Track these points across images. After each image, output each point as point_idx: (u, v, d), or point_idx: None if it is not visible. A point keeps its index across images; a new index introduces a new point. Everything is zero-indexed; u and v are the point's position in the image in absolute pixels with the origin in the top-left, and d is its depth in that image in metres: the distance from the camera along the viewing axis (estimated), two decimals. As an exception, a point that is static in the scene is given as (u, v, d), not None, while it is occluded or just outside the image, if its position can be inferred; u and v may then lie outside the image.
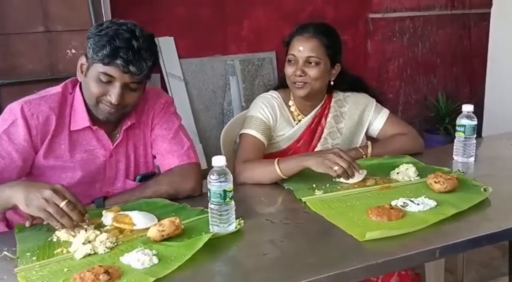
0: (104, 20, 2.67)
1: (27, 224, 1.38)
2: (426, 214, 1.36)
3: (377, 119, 1.96)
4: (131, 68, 1.39)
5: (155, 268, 1.12)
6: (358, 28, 3.91)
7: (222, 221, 1.28)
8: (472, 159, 1.78)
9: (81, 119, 1.51)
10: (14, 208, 1.34)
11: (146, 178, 1.62)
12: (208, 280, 1.10)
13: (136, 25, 1.45)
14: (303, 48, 1.79)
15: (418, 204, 1.39)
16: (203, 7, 3.34)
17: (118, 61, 1.38)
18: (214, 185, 1.26)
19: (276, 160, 1.65)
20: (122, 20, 1.46)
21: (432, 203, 1.40)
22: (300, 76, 1.80)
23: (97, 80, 1.43)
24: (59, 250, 1.23)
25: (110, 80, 1.42)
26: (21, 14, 2.47)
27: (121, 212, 1.37)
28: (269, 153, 1.89)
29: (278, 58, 3.62)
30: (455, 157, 1.81)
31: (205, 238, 1.20)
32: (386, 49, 4.02)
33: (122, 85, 1.42)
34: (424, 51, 4.17)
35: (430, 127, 4.13)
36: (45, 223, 1.38)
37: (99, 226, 1.35)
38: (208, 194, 1.27)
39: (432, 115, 4.17)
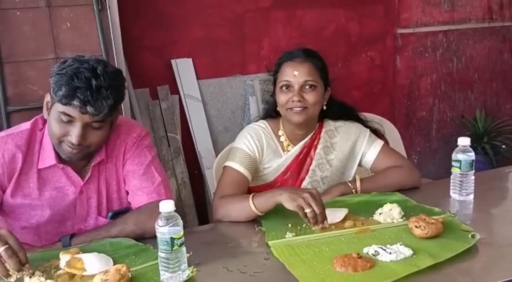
0: (114, 48, 2.70)
1: None
2: (398, 264, 1.23)
3: (370, 150, 1.84)
4: (89, 109, 1.36)
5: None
6: (385, 44, 3.75)
7: (172, 270, 1.21)
8: (470, 197, 1.62)
9: (48, 157, 1.50)
10: None
11: (119, 214, 1.59)
12: None
13: (101, 62, 1.42)
14: (298, 73, 1.72)
15: (390, 253, 1.27)
16: (220, 26, 3.31)
17: (75, 102, 1.35)
18: (161, 231, 1.20)
19: (251, 195, 1.57)
20: (88, 56, 1.45)
21: (408, 252, 1.27)
22: (299, 101, 1.71)
23: (58, 120, 1.40)
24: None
25: (70, 120, 1.39)
26: (32, 42, 2.53)
27: (76, 255, 1.33)
28: (256, 185, 1.81)
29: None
30: (452, 195, 1.66)
31: (147, 290, 1.14)
32: (418, 65, 3.83)
33: (82, 125, 1.39)
34: (460, 66, 3.95)
35: (468, 146, 3.89)
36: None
37: (56, 268, 1.32)
38: (157, 240, 1.21)
39: (469, 134, 3.92)
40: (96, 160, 1.54)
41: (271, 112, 1.86)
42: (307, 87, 1.72)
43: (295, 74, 1.72)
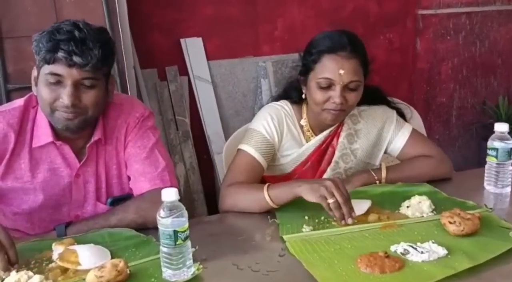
0: (120, 25, 2.55)
1: None
2: (431, 266, 1.09)
3: (397, 137, 1.65)
4: (75, 58, 1.25)
5: (78, 326, 0.94)
6: (405, 25, 3.56)
7: (175, 266, 1.08)
8: (507, 190, 1.46)
9: (43, 134, 1.37)
10: None
11: (119, 200, 1.45)
12: None
13: (83, 21, 1.32)
14: (344, 72, 1.47)
15: (422, 252, 1.12)
16: (232, 5, 3.15)
17: (60, 54, 1.25)
18: (163, 223, 1.06)
19: (266, 185, 1.42)
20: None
21: (442, 251, 1.13)
22: (341, 103, 1.50)
23: (46, 83, 1.29)
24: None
25: (59, 80, 1.28)
26: (33, 17, 2.39)
27: (70, 247, 1.20)
28: (271, 175, 1.66)
29: (315, 60, 3.36)
30: (486, 187, 1.50)
31: (147, 289, 1.01)
32: (439, 49, 3.64)
33: (73, 83, 1.28)
34: (483, 50, 3.75)
35: (489, 134, 3.71)
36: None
37: (49, 261, 1.20)
38: (158, 233, 1.08)
39: (491, 122, 3.74)
40: (92, 140, 1.41)
41: (294, 95, 1.65)
42: (351, 86, 1.51)
43: (340, 73, 1.47)
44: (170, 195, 1.06)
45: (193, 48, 3.13)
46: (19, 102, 1.41)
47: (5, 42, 2.36)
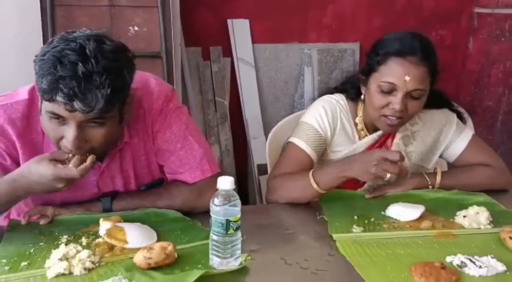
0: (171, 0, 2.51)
1: (23, 221, 1.25)
2: (488, 281, 1.04)
3: (456, 141, 1.57)
4: (76, 104, 1.05)
5: (125, 307, 0.93)
6: (460, 23, 3.43)
7: (223, 255, 1.05)
8: None
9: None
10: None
11: (152, 187, 1.41)
12: None
13: (92, 37, 1.09)
14: (410, 78, 1.38)
15: (480, 267, 1.07)
16: (284, -12, 3.08)
17: (59, 98, 1.05)
18: (215, 211, 1.03)
19: (311, 171, 1.38)
20: (82, 31, 1.11)
21: (501, 267, 1.07)
22: (401, 111, 1.41)
23: (48, 119, 1.12)
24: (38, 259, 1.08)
25: (62, 119, 1.10)
26: (86, -15, 2.38)
27: (119, 224, 1.19)
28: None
29: (362, 51, 3.27)
30: (548, 202, 1.43)
31: (194, 274, 0.99)
32: (491, 50, 3.50)
33: (77, 125, 1.10)
34: (538, 55, 3.59)
35: (534, 144, 3.59)
36: (41, 222, 1.26)
37: (95, 235, 1.19)
38: (210, 220, 1.05)
39: (538, 130, 3.61)
40: (116, 148, 1.29)
41: (351, 92, 1.58)
42: (414, 95, 1.41)
43: (406, 79, 1.38)
44: (226, 183, 1.03)
45: (239, 30, 3.08)
46: (22, 94, 1.24)
47: (57, 10, 2.36)
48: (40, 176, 1.13)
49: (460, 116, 1.63)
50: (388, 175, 1.28)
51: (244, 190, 3.19)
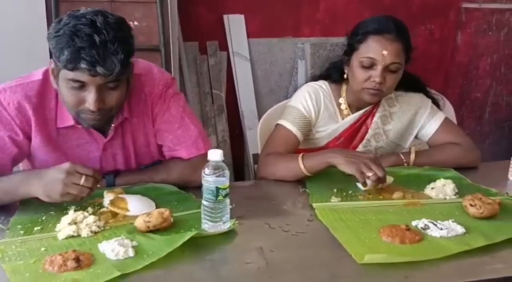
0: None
1: None
2: (448, 241, 1.17)
3: (430, 123, 1.73)
4: (99, 69, 1.20)
5: (127, 262, 1.06)
6: (448, 17, 3.56)
7: (213, 219, 1.19)
8: (531, 182, 1.53)
9: (65, 117, 1.39)
10: None
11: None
12: (176, 282, 1.03)
13: (99, 13, 1.24)
14: (387, 53, 1.55)
15: (441, 229, 1.20)
16: (277, -15, 3.21)
17: (83, 65, 1.20)
18: (207, 180, 1.17)
19: (301, 155, 1.53)
20: (84, 9, 1.27)
21: (460, 230, 1.21)
22: (380, 83, 1.58)
23: (68, 87, 1.26)
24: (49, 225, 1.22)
25: (82, 85, 1.25)
26: (89, -19, 2.51)
27: (121, 195, 1.33)
28: (305, 148, 1.76)
29: (353, 45, 3.40)
30: (510, 178, 1.56)
31: (188, 235, 1.13)
32: (479, 44, 3.63)
33: (97, 88, 1.25)
34: (524, 48, 3.72)
35: (520, 134, 3.72)
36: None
37: (100, 206, 1.33)
38: (202, 188, 1.19)
39: (525, 121, 3.74)
40: (118, 121, 1.44)
41: (335, 75, 1.75)
42: (391, 68, 1.58)
43: (384, 53, 1.55)
44: (215, 155, 1.17)
45: (235, 25, 3.21)
46: (37, 75, 1.38)
47: (61, 6, 2.49)
48: (57, 171, 1.23)
49: (435, 102, 1.77)
50: (370, 174, 1.37)
51: (240, 178, 3.31)
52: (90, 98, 1.26)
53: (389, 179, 1.45)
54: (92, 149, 1.45)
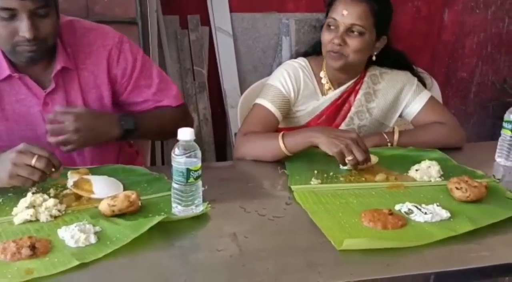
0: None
1: None
2: (432, 226, 1.11)
3: (414, 101, 1.66)
4: None
5: (88, 249, 0.98)
6: (435, -6, 3.47)
7: (184, 203, 1.11)
8: (518, 164, 1.47)
9: (2, 68, 1.34)
10: None
11: None
12: (137, 272, 0.94)
13: None
14: (347, 13, 1.51)
15: (425, 213, 1.14)
16: (261, -44, 3.09)
17: None
18: (177, 161, 1.09)
19: (281, 133, 1.45)
20: None
21: (445, 214, 1.15)
22: (339, 45, 1.54)
23: (0, 19, 1.24)
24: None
25: (13, 14, 1.23)
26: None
27: (86, 176, 1.24)
28: (285, 127, 1.68)
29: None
30: (497, 159, 1.51)
31: (156, 220, 1.05)
32: (466, 22, 3.56)
33: (28, 15, 1.23)
34: (511, 27, 3.66)
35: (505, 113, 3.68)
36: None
37: (63, 187, 1.24)
38: (171, 170, 1.11)
39: (510, 101, 3.70)
40: (56, 68, 1.38)
41: (317, 49, 1.67)
42: (353, 31, 1.53)
43: (343, 13, 1.52)
44: (186, 134, 1.09)
45: (217, -1, 3.09)
46: None
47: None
48: (10, 151, 1.16)
49: (422, 82, 1.70)
50: (350, 157, 1.32)
51: (222, 158, 3.24)
52: (23, 26, 1.24)
53: (374, 158, 1.38)
54: (32, 104, 1.40)
